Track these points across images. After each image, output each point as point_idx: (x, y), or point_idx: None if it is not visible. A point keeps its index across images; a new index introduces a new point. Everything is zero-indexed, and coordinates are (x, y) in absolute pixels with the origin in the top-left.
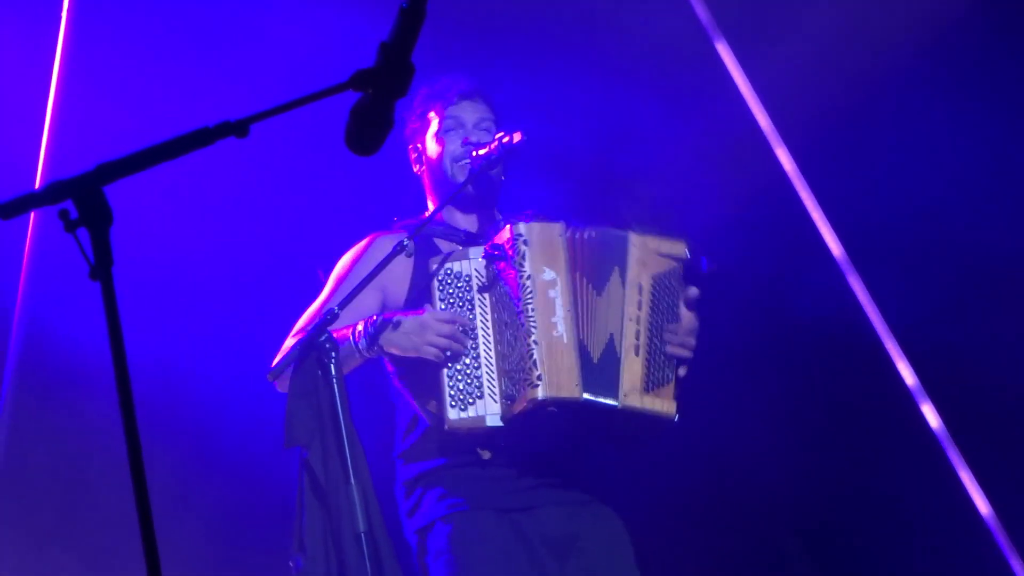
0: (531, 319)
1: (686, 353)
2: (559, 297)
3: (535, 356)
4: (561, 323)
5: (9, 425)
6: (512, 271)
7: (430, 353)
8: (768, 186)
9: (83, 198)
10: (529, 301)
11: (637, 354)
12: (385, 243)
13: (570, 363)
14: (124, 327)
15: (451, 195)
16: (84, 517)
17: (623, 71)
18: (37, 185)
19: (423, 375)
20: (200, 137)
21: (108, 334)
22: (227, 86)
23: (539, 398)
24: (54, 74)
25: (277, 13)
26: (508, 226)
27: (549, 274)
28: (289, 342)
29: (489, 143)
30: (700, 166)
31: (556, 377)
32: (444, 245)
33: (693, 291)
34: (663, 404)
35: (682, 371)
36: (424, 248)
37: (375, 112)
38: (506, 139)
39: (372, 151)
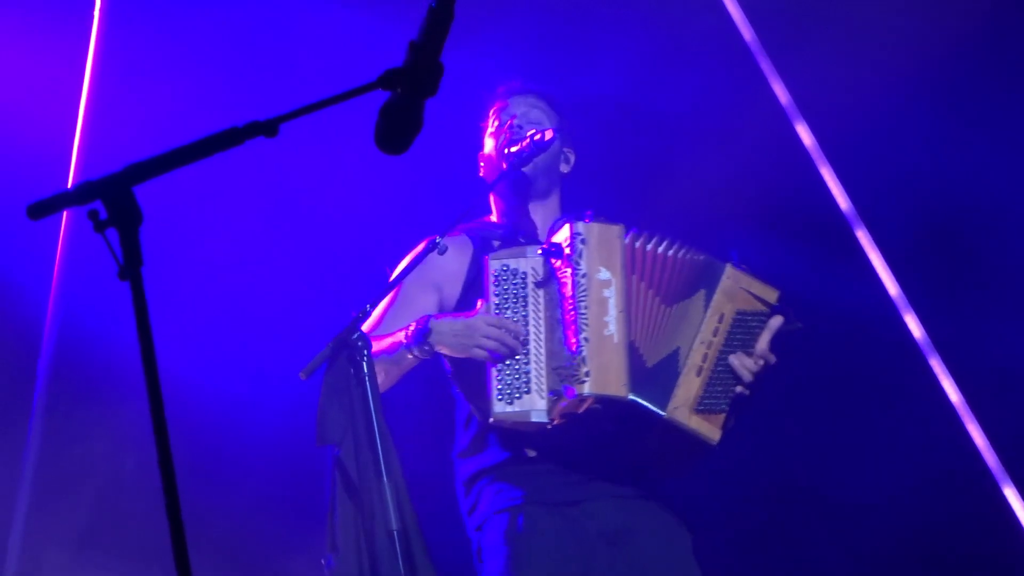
0: (583, 317)
1: (747, 376)
2: (613, 297)
3: (584, 353)
4: (613, 323)
5: (43, 426)
6: (568, 268)
7: (479, 355)
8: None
9: (113, 198)
10: (583, 299)
11: (698, 375)
12: (449, 244)
13: (619, 362)
14: (155, 325)
15: (480, 196)
16: (120, 517)
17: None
18: (69, 185)
19: (475, 372)
20: (229, 137)
21: (137, 334)
22: (257, 85)
23: (584, 393)
24: (86, 74)
25: (306, 12)
26: (567, 224)
27: (605, 274)
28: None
29: (521, 140)
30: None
31: (603, 375)
32: (499, 244)
33: (776, 322)
34: (708, 427)
35: (739, 394)
36: (481, 247)
37: (405, 111)
38: (537, 136)
39: (402, 150)
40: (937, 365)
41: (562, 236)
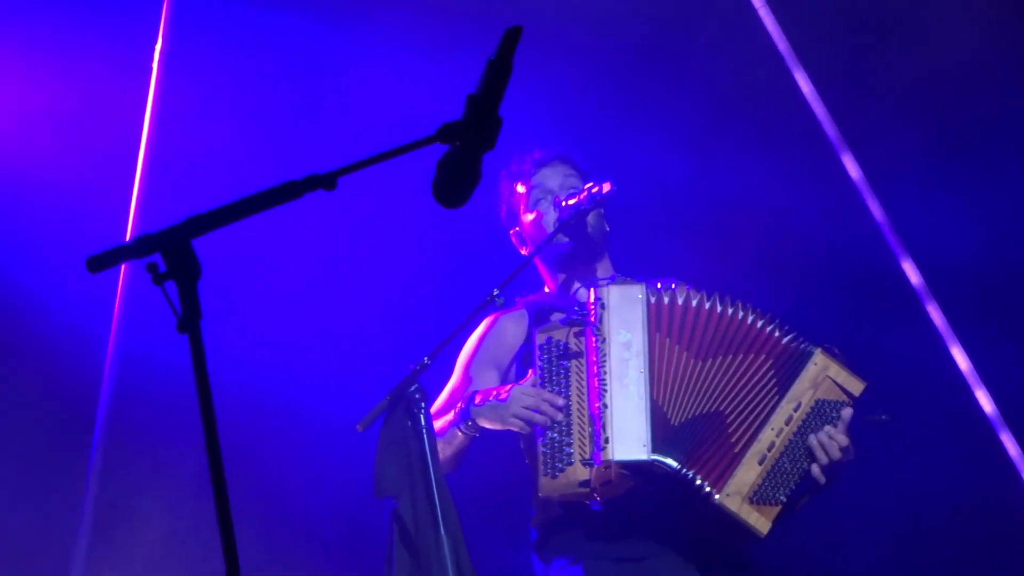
0: (604, 382)
1: (821, 478)
2: (634, 359)
3: (604, 418)
4: (633, 384)
5: (100, 477)
6: (592, 335)
7: (515, 425)
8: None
9: (171, 251)
10: (604, 363)
11: (760, 463)
12: (506, 322)
13: (638, 424)
14: (216, 375)
15: (540, 246)
16: (177, 571)
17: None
18: (128, 237)
19: (529, 444)
20: (288, 190)
21: (196, 387)
22: (314, 136)
23: (606, 460)
24: (145, 125)
25: (364, 66)
26: (592, 289)
27: (625, 336)
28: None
29: (578, 193)
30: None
31: (623, 439)
32: (556, 316)
33: (847, 416)
34: (758, 519)
35: (802, 498)
36: (537, 319)
37: (463, 165)
38: (595, 188)
39: (460, 204)
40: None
41: (588, 302)
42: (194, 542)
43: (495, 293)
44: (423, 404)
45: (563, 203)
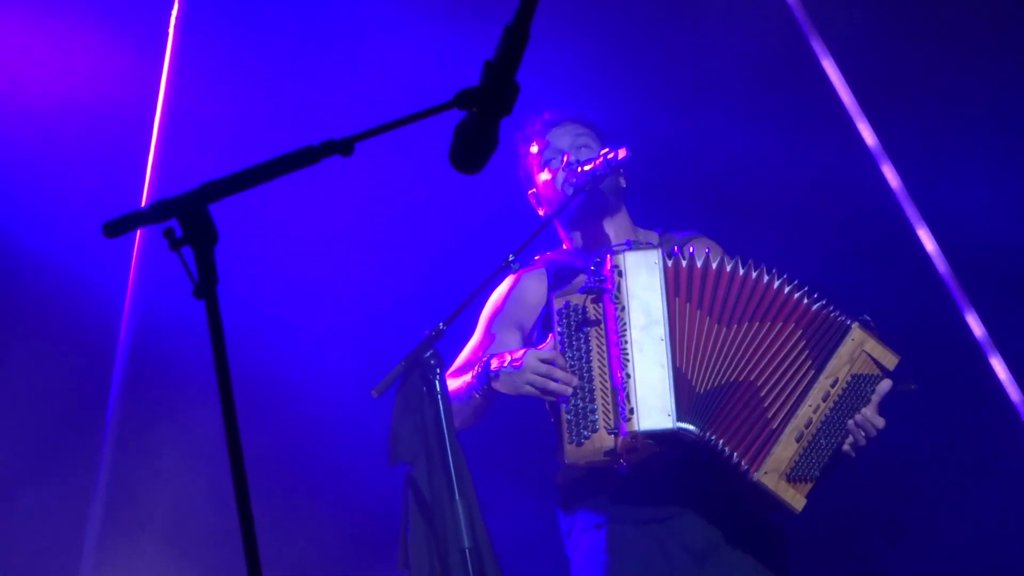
0: (625, 352)
1: (850, 451)
2: (653, 326)
3: (628, 389)
4: (655, 352)
5: (116, 439)
6: (612, 304)
7: (529, 392)
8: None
9: (188, 217)
10: (624, 333)
11: (798, 441)
12: (527, 279)
13: (662, 392)
14: (232, 342)
15: (556, 212)
16: (192, 532)
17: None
18: (143, 203)
19: (554, 408)
20: (305, 156)
21: (213, 352)
22: (331, 101)
23: (632, 431)
24: (161, 91)
25: (382, 30)
26: (608, 255)
27: (645, 303)
28: (450, 383)
29: (594, 159)
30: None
31: (647, 409)
32: (575, 276)
33: (886, 384)
34: (794, 496)
35: (835, 459)
36: (556, 279)
37: (480, 131)
38: (611, 155)
39: (477, 170)
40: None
41: (605, 269)
42: (209, 509)
43: (511, 259)
44: (438, 370)
45: (580, 169)
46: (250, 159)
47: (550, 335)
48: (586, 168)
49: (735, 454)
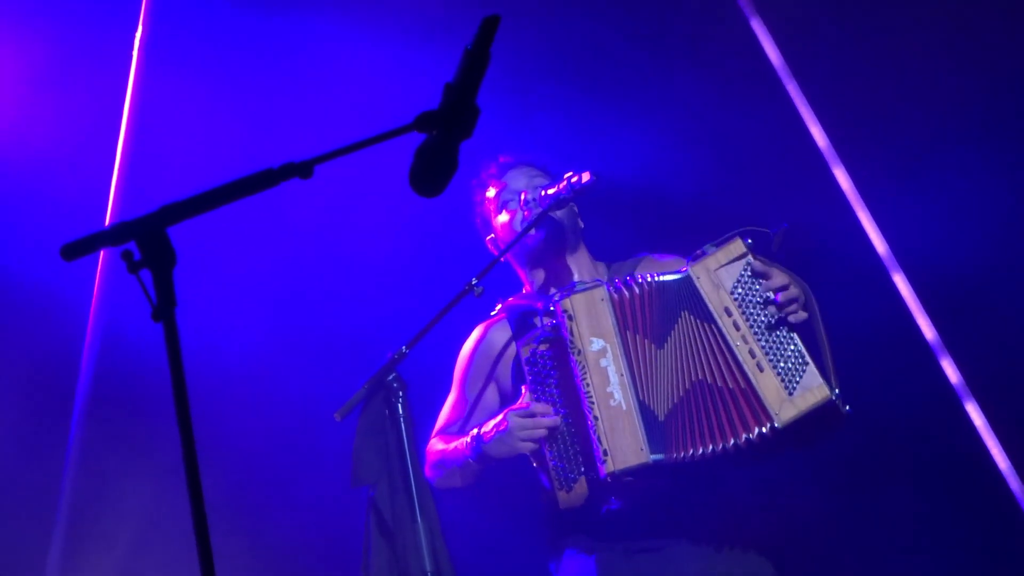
0: (588, 395)
1: (801, 314)
2: (611, 364)
3: (597, 432)
4: (617, 390)
5: (79, 462)
6: (568, 350)
7: (527, 449)
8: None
9: (147, 240)
10: (584, 376)
11: (763, 370)
12: (494, 333)
13: (632, 430)
14: (193, 363)
15: (517, 237)
16: (154, 554)
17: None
18: (107, 221)
19: (539, 458)
20: (264, 178)
21: (171, 374)
22: (292, 125)
23: (611, 471)
24: (124, 114)
25: (343, 55)
26: (557, 304)
27: (598, 343)
28: (434, 445)
29: (558, 183)
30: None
31: (619, 449)
32: (537, 320)
33: (757, 265)
34: (815, 395)
35: (818, 340)
36: (520, 326)
37: (440, 153)
38: (575, 178)
39: (437, 192)
40: (974, 410)
41: (556, 315)
42: (171, 528)
43: (473, 282)
44: (401, 393)
45: (543, 192)
46: (214, 180)
47: (523, 387)
48: (550, 192)
49: (744, 434)
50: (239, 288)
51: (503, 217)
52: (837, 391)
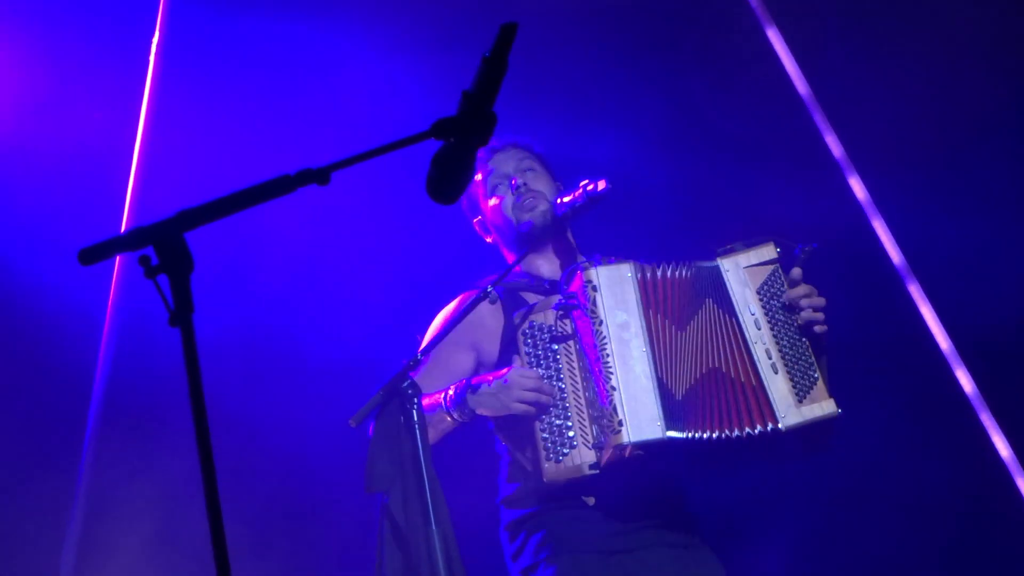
0: (608, 365)
1: (821, 327)
2: (634, 339)
3: (615, 401)
4: (638, 364)
5: (94, 464)
6: (587, 319)
7: (519, 410)
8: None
9: (164, 245)
10: (605, 346)
11: (777, 372)
12: (482, 302)
13: (650, 404)
14: (209, 367)
15: (529, 236)
16: (169, 557)
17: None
18: (123, 225)
19: (519, 427)
20: (281, 184)
21: (187, 380)
22: (309, 133)
23: (623, 443)
24: (141, 119)
25: (361, 62)
26: (579, 272)
27: (622, 316)
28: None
29: (573, 191)
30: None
31: (636, 421)
32: (530, 297)
33: (796, 272)
34: (821, 406)
35: (823, 356)
36: (511, 302)
37: (457, 160)
38: (591, 187)
39: (453, 199)
40: (987, 420)
41: (576, 285)
42: (185, 533)
43: (490, 289)
44: (416, 400)
45: (558, 201)
46: (231, 185)
47: (515, 357)
48: (565, 200)
49: (747, 429)
50: (257, 291)
51: (493, 201)
52: (840, 410)
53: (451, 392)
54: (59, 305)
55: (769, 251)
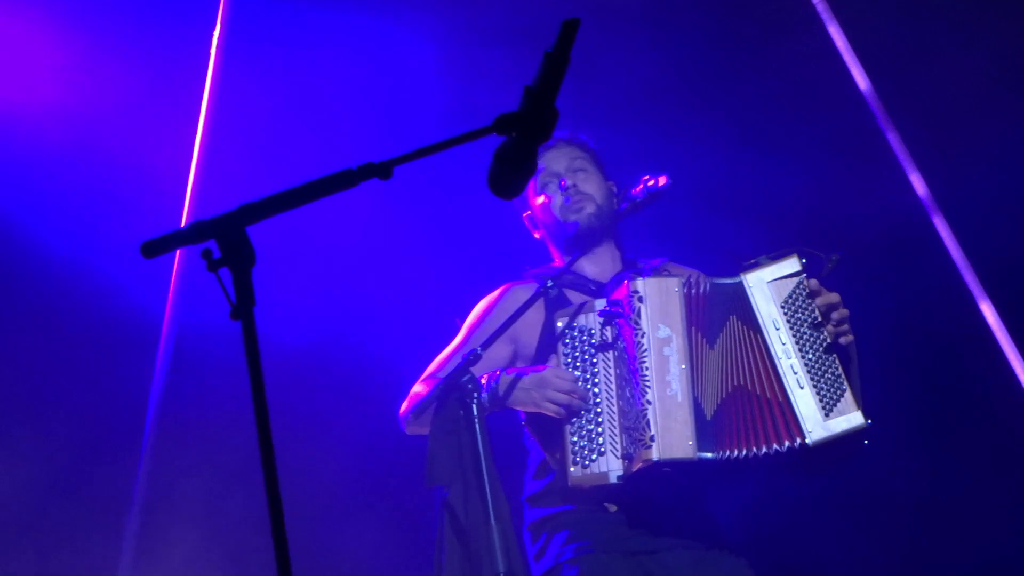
0: (646, 378)
1: (847, 338)
2: (674, 355)
3: (648, 416)
4: (676, 381)
5: (152, 460)
6: (629, 328)
7: (549, 409)
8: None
9: (226, 238)
10: (644, 359)
11: (803, 387)
12: (519, 292)
13: (684, 422)
14: (270, 359)
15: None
16: (226, 554)
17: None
18: (183, 223)
19: (550, 427)
20: (343, 179)
21: (249, 373)
22: (368, 126)
23: (653, 459)
24: (202, 113)
25: (422, 57)
26: (626, 281)
27: (664, 331)
28: (417, 388)
29: (634, 186)
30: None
31: (669, 438)
32: (573, 295)
33: (813, 283)
34: (848, 419)
35: (852, 366)
36: (555, 299)
37: (519, 156)
38: (651, 182)
39: (515, 195)
40: None
41: (622, 293)
42: (241, 531)
43: (549, 284)
44: (476, 395)
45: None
46: (289, 179)
47: (553, 355)
48: (633, 192)
49: (775, 446)
50: (316, 283)
51: (541, 199)
52: (870, 421)
53: (484, 381)
54: (120, 304)
55: (793, 264)
